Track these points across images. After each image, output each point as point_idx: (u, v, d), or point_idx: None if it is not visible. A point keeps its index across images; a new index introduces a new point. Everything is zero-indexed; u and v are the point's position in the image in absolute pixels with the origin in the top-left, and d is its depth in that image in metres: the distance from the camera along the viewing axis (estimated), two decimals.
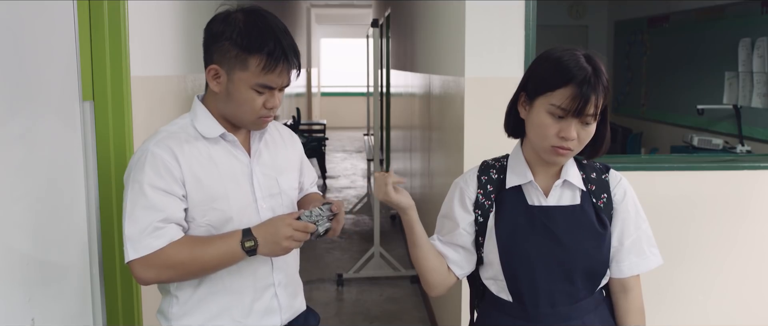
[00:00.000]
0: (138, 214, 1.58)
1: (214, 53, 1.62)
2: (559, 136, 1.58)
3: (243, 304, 1.72)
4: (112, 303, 2.14)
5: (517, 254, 1.66)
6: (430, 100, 4.25)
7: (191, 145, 1.65)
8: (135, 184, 1.59)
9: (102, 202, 2.07)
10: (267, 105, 1.64)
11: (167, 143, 1.62)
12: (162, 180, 1.59)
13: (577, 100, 1.53)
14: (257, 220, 1.69)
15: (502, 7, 2.80)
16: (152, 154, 1.60)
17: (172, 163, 1.60)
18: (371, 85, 9.20)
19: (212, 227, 1.66)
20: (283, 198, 1.78)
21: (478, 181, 1.74)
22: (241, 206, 1.68)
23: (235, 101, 1.63)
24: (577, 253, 1.65)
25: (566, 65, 1.56)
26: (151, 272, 1.60)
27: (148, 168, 1.59)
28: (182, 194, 1.61)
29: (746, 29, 4.55)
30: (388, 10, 8.12)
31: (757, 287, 3.02)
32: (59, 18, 1.90)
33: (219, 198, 1.65)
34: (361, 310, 4.47)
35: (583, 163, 1.75)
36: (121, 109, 2.10)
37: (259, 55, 1.57)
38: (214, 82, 1.64)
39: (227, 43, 1.59)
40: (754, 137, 4.52)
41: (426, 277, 1.75)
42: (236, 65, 1.59)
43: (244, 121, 1.68)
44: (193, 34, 3.17)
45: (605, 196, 1.72)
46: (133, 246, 1.58)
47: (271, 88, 1.62)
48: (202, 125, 1.68)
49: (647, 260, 1.74)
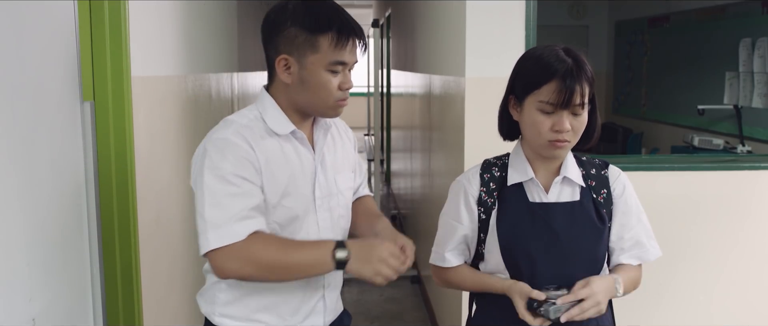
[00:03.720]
0: (225, 201, 1.50)
1: (280, 43, 1.59)
2: (553, 130, 1.62)
3: (291, 303, 1.69)
4: (112, 303, 2.14)
5: (518, 250, 1.70)
6: (431, 100, 4.25)
7: (264, 140, 1.61)
8: (216, 171, 1.52)
9: (102, 202, 2.07)
10: (343, 86, 1.61)
11: (244, 135, 1.57)
12: (245, 169, 1.54)
13: (563, 92, 1.58)
14: (315, 221, 1.68)
15: (503, 7, 2.80)
16: (233, 143, 1.55)
17: (251, 154, 1.56)
18: (372, 85, 9.20)
19: (279, 225, 1.63)
20: (339, 198, 1.75)
21: (480, 179, 1.77)
22: (305, 205, 1.66)
23: (311, 88, 1.60)
24: (576, 249, 1.69)
25: (547, 61, 1.61)
26: (234, 264, 1.51)
27: (231, 156, 1.53)
28: (261, 186, 1.57)
29: (747, 29, 4.55)
30: (389, 10, 8.12)
31: (758, 287, 3.02)
32: (60, 18, 1.90)
33: (288, 195, 1.62)
34: (361, 310, 4.47)
35: (583, 160, 1.79)
36: (121, 110, 2.10)
37: (330, 33, 1.56)
38: (286, 74, 1.60)
39: (293, 28, 1.57)
40: (754, 137, 4.51)
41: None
42: (307, 49, 1.57)
43: (322, 108, 1.64)
44: (194, 34, 3.17)
45: (605, 192, 1.76)
46: (218, 234, 1.49)
47: (344, 65, 1.59)
48: (272, 120, 1.63)
49: (648, 252, 1.79)
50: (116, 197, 2.09)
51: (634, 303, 2.89)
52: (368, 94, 10.55)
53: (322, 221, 1.70)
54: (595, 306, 1.61)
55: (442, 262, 1.82)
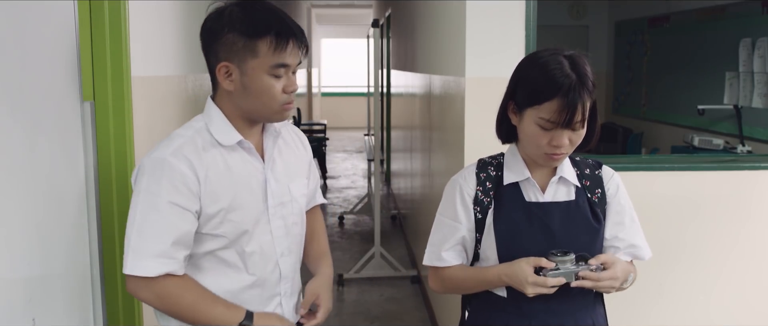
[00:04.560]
0: (148, 231, 1.53)
1: (220, 50, 1.56)
2: (551, 144, 1.61)
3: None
4: (112, 303, 2.14)
5: (515, 250, 1.69)
6: (431, 100, 4.25)
7: (208, 154, 1.59)
8: (149, 196, 1.53)
9: (102, 202, 2.07)
10: (287, 89, 1.58)
11: (185, 153, 1.56)
12: (179, 195, 1.53)
13: (565, 112, 1.56)
14: (269, 230, 1.67)
15: (503, 7, 2.80)
16: (170, 166, 1.53)
17: (189, 177, 1.54)
18: (372, 85, 9.20)
19: (227, 239, 1.62)
20: (293, 206, 1.73)
21: (477, 178, 1.76)
22: (255, 216, 1.65)
23: (253, 94, 1.57)
24: (573, 248, 1.68)
25: (551, 75, 1.57)
26: (146, 294, 1.56)
27: (166, 181, 1.53)
28: (196, 209, 1.57)
29: (747, 29, 4.55)
30: (389, 10, 8.13)
31: (758, 287, 3.02)
32: (60, 18, 1.90)
33: (234, 209, 1.60)
34: (361, 310, 4.47)
35: (577, 160, 1.80)
36: (121, 110, 2.10)
37: (268, 36, 1.53)
38: (227, 81, 1.58)
39: (231, 35, 1.54)
40: (754, 137, 4.51)
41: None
42: (247, 55, 1.54)
43: (267, 113, 1.61)
44: (194, 34, 3.16)
45: (599, 191, 1.76)
46: (134, 263, 1.53)
47: (286, 67, 1.56)
48: (218, 131, 1.61)
49: (642, 250, 1.80)
50: (116, 197, 2.09)
51: (634, 302, 2.90)
52: (368, 94, 10.55)
53: (275, 229, 1.69)
54: (611, 280, 1.62)
55: (439, 262, 1.79)
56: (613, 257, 1.67)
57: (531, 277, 1.60)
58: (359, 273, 5.03)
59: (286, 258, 1.73)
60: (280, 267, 1.71)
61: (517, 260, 1.65)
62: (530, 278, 1.60)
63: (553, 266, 1.61)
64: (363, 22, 14.40)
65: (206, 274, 1.64)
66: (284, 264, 1.72)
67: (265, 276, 1.69)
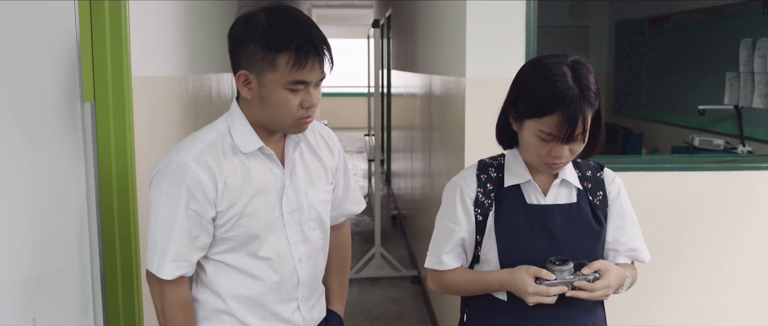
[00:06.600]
0: (173, 235, 1.56)
1: (241, 58, 1.54)
2: (550, 154, 1.61)
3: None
4: (112, 303, 2.14)
5: (517, 253, 1.68)
6: (431, 101, 4.25)
7: (228, 160, 1.58)
8: (170, 201, 1.55)
9: (102, 203, 2.07)
10: (304, 104, 1.55)
11: (206, 159, 1.56)
12: (197, 202, 1.55)
13: (565, 126, 1.55)
14: (284, 236, 1.67)
15: (503, 7, 2.80)
16: (192, 173, 1.54)
17: (208, 186, 1.55)
18: (372, 86, 9.20)
19: (235, 242, 1.63)
20: (309, 212, 1.71)
21: (477, 180, 1.75)
22: (267, 222, 1.64)
23: (270, 106, 1.55)
24: (574, 251, 1.67)
25: (553, 90, 1.55)
26: (156, 292, 1.65)
27: (186, 189, 1.54)
28: (212, 216, 1.59)
29: (747, 29, 4.54)
30: (389, 10, 8.12)
31: (759, 287, 3.02)
32: (60, 18, 1.89)
33: (247, 215, 1.61)
34: (362, 310, 4.47)
35: (578, 162, 1.78)
36: (121, 110, 2.10)
37: (288, 52, 1.48)
38: (246, 89, 1.56)
39: (252, 44, 1.50)
40: (755, 137, 4.51)
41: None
42: (265, 67, 1.51)
43: (283, 126, 1.60)
44: (195, 35, 3.17)
45: (601, 194, 1.76)
46: (160, 263, 1.58)
47: (305, 84, 1.53)
48: (240, 138, 1.60)
49: (642, 253, 1.80)
50: (116, 197, 2.09)
51: (635, 302, 2.90)
52: (368, 94, 10.55)
53: (291, 235, 1.68)
54: (605, 289, 1.62)
55: (440, 265, 1.78)
56: (607, 264, 1.66)
57: (532, 288, 1.61)
58: (359, 273, 5.03)
59: (304, 264, 1.72)
60: (298, 272, 1.71)
61: (518, 268, 1.64)
62: (531, 288, 1.61)
63: (553, 278, 1.61)
64: (363, 23, 14.39)
65: (218, 276, 1.66)
66: (302, 270, 1.71)
67: (282, 281, 1.69)
